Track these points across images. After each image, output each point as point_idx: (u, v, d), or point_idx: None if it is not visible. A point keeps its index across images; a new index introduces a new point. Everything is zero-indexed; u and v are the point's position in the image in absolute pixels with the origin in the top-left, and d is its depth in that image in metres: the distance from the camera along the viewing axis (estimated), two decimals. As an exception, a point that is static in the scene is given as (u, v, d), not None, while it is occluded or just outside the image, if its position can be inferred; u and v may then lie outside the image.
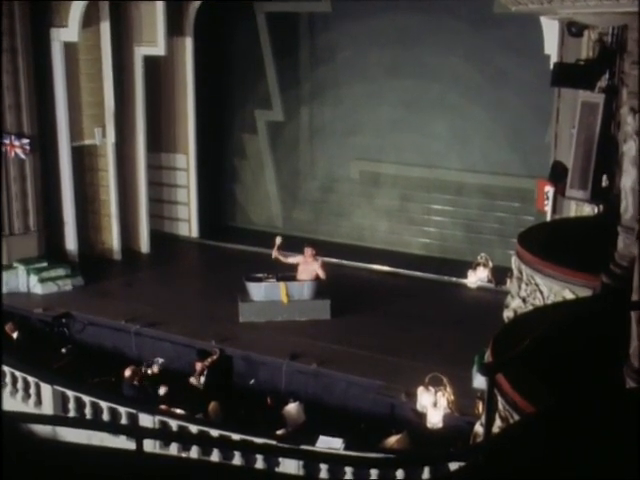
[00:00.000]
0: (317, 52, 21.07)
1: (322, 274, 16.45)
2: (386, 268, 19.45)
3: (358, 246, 20.81)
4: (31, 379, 14.26)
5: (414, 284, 18.65)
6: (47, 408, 13.95)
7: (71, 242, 19.66)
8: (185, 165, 21.76)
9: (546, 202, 14.58)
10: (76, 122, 19.37)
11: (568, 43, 13.75)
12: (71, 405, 13.79)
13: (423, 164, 20.06)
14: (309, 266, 16.55)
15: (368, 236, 21.05)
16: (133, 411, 12.94)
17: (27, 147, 18.32)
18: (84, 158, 20.13)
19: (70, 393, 13.82)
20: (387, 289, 18.31)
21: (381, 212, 20.88)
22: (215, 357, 14.54)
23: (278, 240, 16.50)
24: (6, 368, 14.50)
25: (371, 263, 19.60)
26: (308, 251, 16.62)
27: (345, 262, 19.73)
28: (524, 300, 8.22)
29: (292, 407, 13.50)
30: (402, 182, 20.54)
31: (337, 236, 21.24)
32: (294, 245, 17.34)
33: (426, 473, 11.21)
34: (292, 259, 16.74)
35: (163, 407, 13.31)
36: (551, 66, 12.76)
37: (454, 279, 17.96)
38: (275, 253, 16.50)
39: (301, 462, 11.01)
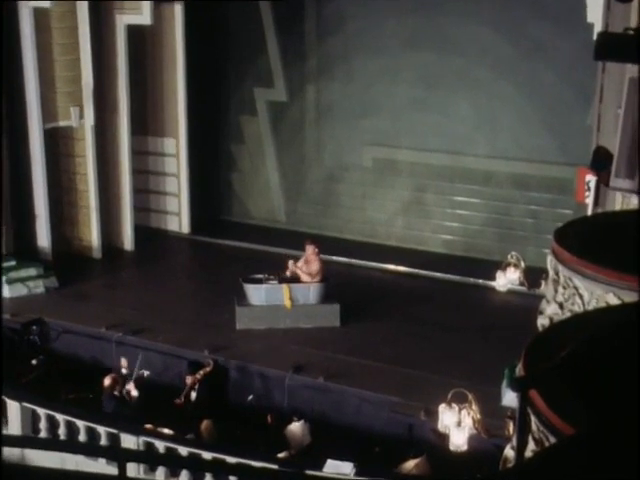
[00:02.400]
0: (325, 22, 21.04)
1: (316, 277, 16.44)
2: (402, 268, 19.44)
3: (371, 243, 20.81)
4: (-4, 395, 14.28)
5: (435, 287, 18.64)
6: (14, 428, 13.94)
7: (44, 238, 19.68)
8: (174, 151, 21.75)
9: (587, 193, 14.50)
10: (49, 101, 19.35)
11: (615, 9, 13.65)
12: (42, 424, 13.80)
13: (445, 150, 20.04)
14: (312, 266, 16.56)
15: (382, 232, 21.03)
16: (114, 431, 12.95)
17: (-7, 130, 18.35)
18: (59, 142, 20.15)
19: (41, 411, 13.83)
20: (404, 292, 18.31)
21: (397, 205, 20.86)
22: (208, 369, 14.55)
23: (291, 264, 16.57)
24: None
25: (386, 263, 19.59)
26: (310, 249, 16.63)
27: (356, 262, 19.75)
28: (561, 305, 8.18)
29: (296, 426, 13.51)
30: (421, 171, 20.52)
31: (347, 232, 21.23)
32: (298, 242, 17.33)
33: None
34: (299, 264, 16.76)
35: (149, 426, 13.33)
36: (594, 36, 12.69)
37: (480, 281, 17.95)
38: (292, 267, 16.53)
39: (306, 489, 11.00)
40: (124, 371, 14.48)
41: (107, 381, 13.96)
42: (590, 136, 15.41)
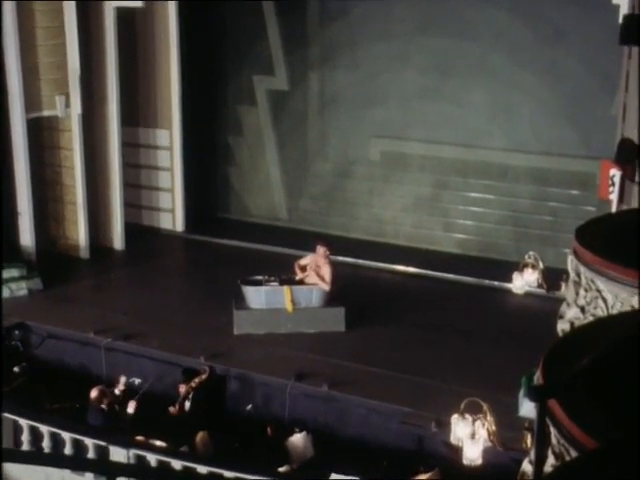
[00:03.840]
0: (329, 6, 21.03)
1: (325, 282, 16.39)
2: (412, 269, 19.44)
3: (378, 243, 20.81)
4: (-25, 405, 14.28)
5: (447, 289, 18.65)
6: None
7: (27, 237, 19.68)
8: (168, 143, 21.76)
9: (611, 189, 14.50)
10: (32, 89, 19.33)
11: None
12: (25, 436, 13.77)
13: (459, 143, 20.02)
14: (319, 268, 16.54)
15: (390, 231, 21.03)
16: (102, 443, 12.94)
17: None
18: (43, 133, 20.16)
19: (24, 422, 13.80)
20: (413, 295, 18.31)
21: (406, 202, 20.86)
22: (204, 377, 14.53)
23: (298, 271, 16.68)
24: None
25: (394, 263, 19.59)
26: (321, 250, 16.60)
27: (362, 262, 19.75)
28: (583, 309, 8.17)
29: (298, 438, 13.51)
30: (432, 165, 20.51)
31: (353, 231, 21.24)
32: (301, 242, 17.31)
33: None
34: (304, 261, 16.75)
35: (139, 438, 13.32)
36: (620, 20, 12.69)
37: (496, 283, 17.96)
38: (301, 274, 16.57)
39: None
40: (118, 390, 14.23)
41: (93, 393, 13.80)
42: (615, 127, 15.41)
